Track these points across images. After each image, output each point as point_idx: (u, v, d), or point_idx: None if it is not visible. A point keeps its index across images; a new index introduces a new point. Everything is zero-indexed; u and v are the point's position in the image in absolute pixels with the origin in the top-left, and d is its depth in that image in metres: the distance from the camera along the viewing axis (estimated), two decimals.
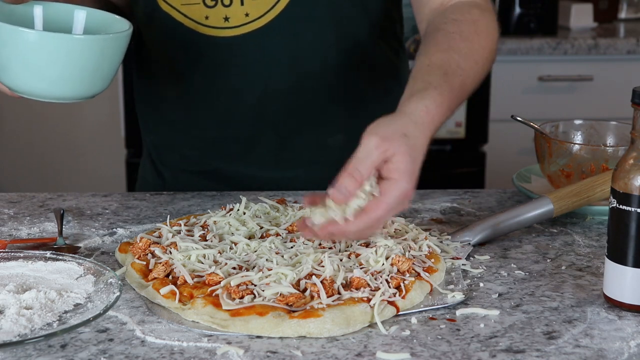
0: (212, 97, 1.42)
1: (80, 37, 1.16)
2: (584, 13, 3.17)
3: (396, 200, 1.02)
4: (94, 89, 1.16)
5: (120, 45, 1.16)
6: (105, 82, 1.18)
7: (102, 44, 1.14)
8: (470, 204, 1.38)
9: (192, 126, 1.46)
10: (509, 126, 2.31)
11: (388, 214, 1.02)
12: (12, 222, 1.29)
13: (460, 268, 1.11)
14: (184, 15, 1.37)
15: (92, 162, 3.35)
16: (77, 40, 1.13)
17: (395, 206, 1.02)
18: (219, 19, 1.36)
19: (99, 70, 1.15)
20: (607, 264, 1.00)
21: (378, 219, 1.02)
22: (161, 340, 0.92)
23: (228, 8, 1.35)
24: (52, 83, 1.13)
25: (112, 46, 1.15)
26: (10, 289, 1.00)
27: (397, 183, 1.02)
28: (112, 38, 1.15)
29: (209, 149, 1.46)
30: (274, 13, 1.35)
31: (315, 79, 1.40)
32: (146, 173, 1.58)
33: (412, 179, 1.03)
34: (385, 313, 0.97)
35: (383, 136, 1.03)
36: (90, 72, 1.14)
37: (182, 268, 1.03)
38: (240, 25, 1.36)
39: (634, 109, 0.98)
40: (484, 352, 0.90)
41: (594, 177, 1.25)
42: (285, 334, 0.93)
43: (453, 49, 1.20)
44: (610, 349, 0.91)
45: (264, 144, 1.43)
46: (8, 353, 0.89)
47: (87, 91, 1.16)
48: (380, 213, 1.02)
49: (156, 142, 1.54)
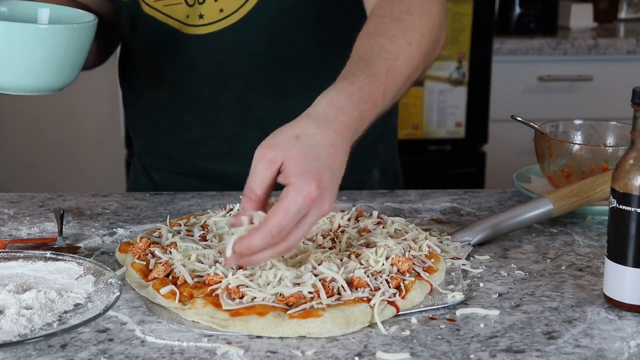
0: (194, 97, 1.42)
1: (45, 27, 1.16)
2: (584, 13, 3.17)
3: (297, 204, 0.93)
4: (60, 81, 1.17)
5: (86, 36, 1.17)
6: (73, 74, 1.18)
7: (67, 34, 1.14)
8: (470, 204, 1.38)
9: (177, 127, 1.46)
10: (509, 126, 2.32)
11: (290, 220, 0.93)
12: (12, 222, 1.29)
13: (460, 268, 1.11)
14: (167, 15, 1.37)
15: (92, 162, 3.35)
16: (42, 30, 1.14)
17: (297, 210, 0.93)
18: (195, 17, 1.36)
19: (64, 61, 1.15)
20: (607, 264, 1.00)
21: (278, 226, 0.93)
22: (161, 340, 0.92)
23: (202, 5, 1.34)
24: (17, 74, 1.13)
25: (77, 36, 1.16)
26: (10, 289, 1.00)
27: (294, 186, 0.94)
28: (76, 28, 1.16)
29: (195, 150, 1.46)
30: (248, 7, 1.34)
31: (295, 69, 1.39)
32: (137, 175, 1.59)
33: (312, 179, 0.94)
34: (385, 313, 0.97)
35: (268, 145, 0.97)
36: (56, 63, 1.14)
37: (182, 268, 1.03)
38: (215, 21, 1.35)
39: (634, 109, 0.98)
40: (484, 352, 0.90)
41: (594, 177, 1.25)
42: (285, 334, 0.93)
43: (379, 33, 1.11)
44: (610, 349, 0.91)
45: (249, 140, 1.43)
46: (8, 353, 0.89)
47: (54, 83, 1.16)
48: (278, 220, 0.92)
49: (144, 144, 1.54)
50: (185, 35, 1.37)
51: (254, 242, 0.94)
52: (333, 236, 1.13)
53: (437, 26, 1.17)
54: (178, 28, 1.37)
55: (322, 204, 0.95)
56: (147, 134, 1.52)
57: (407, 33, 1.12)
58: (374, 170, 1.52)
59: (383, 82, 1.06)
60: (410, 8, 1.14)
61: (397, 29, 1.11)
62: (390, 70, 1.07)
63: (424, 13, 1.15)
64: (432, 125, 2.91)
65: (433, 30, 1.16)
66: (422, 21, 1.14)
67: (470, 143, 2.95)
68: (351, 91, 1.03)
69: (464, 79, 2.87)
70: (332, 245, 1.11)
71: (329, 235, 1.13)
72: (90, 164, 3.35)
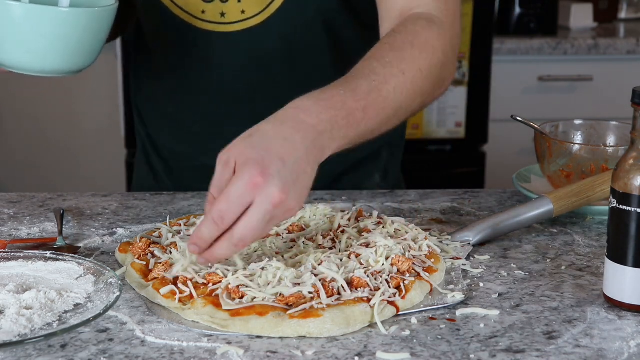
0: (203, 92, 1.43)
1: (66, 10, 1.16)
2: (584, 13, 3.17)
3: (238, 189, 0.94)
4: (79, 63, 1.18)
5: (106, 20, 1.18)
6: (91, 57, 1.19)
7: (87, 17, 1.15)
8: (470, 204, 1.38)
9: (186, 120, 1.47)
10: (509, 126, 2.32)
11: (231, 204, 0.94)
12: (12, 222, 1.29)
13: (460, 268, 1.11)
14: (181, 8, 1.37)
15: (92, 162, 3.35)
16: (63, 13, 1.14)
17: (239, 195, 0.94)
18: (216, 14, 1.36)
19: (84, 44, 1.16)
20: (607, 264, 1.00)
21: (218, 211, 0.95)
22: (161, 340, 0.92)
23: (225, 4, 1.35)
24: (37, 56, 1.14)
25: (97, 20, 1.16)
26: (10, 289, 1.00)
27: (237, 174, 0.95)
28: (97, 11, 1.16)
29: (200, 144, 1.47)
30: (269, 12, 1.35)
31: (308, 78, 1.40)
32: (140, 167, 1.59)
33: (256, 166, 0.95)
34: (385, 313, 0.97)
35: (225, 149, 0.99)
36: (76, 45, 1.15)
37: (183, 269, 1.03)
38: (236, 21, 1.36)
39: (634, 109, 0.98)
40: (484, 352, 0.90)
41: (594, 177, 1.25)
42: (285, 334, 0.93)
43: (375, 57, 1.12)
44: (610, 349, 0.91)
45: None
46: (8, 353, 0.89)
47: (73, 65, 1.17)
48: (218, 205, 0.95)
49: (150, 134, 1.54)
50: (202, 30, 1.38)
51: (202, 230, 0.96)
52: (333, 236, 1.13)
53: (437, 65, 1.17)
54: (190, 22, 1.37)
55: (269, 191, 0.94)
56: (153, 122, 1.53)
57: (402, 63, 1.12)
58: (375, 174, 1.52)
59: (364, 98, 1.06)
60: (414, 41, 1.15)
61: (394, 57, 1.12)
62: (374, 90, 1.07)
63: (426, 49, 1.15)
64: (432, 125, 2.91)
65: (432, 68, 1.16)
66: (422, 56, 1.14)
67: (470, 143, 2.95)
68: (320, 98, 1.04)
69: (464, 79, 2.87)
70: (332, 245, 1.11)
71: (329, 235, 1.13)
72: (90, 164, 3.35)
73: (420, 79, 1.14)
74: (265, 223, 0.96)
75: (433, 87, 1.18)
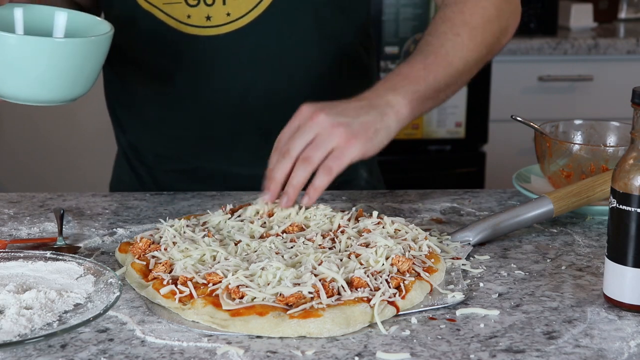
0: (193, 96, 1.42)
1: (61, 41, 1.15)
2: (584, 13, 3.17)
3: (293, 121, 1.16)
4: (76, 91, 1.16)
5: (102, 48, 1.17)
6: (87, 84, 1.18)
7: (83, 47, 1.14)
8: (470, 204, 1.38)
9: (172, 125, 1.46)
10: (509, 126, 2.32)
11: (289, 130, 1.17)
12: (12, 222, 1.29)
13: (460, 268, 1.11)
14: (166, 14, 1.37)
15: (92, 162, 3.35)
16: (58, 44, 1.13)
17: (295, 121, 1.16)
18: (201, 18, 1.36)
19: (80, 72, 1.15)
20: (607, 264, 1.00)
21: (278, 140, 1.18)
22: (161, 340, 0.92)
23: (210, 7, 1.35)
24: (33, 86, 1.13)
25: (93, 49, 1.15)
26: (10, 289, 0.99)
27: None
28: (93, 41, 1.15)
29: (188, 148, 1.47)
30: (255, 13, 1.35)
31: (296, 78, 1.41)
32: (122, 172, 1.58)
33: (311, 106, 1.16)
34: (385, 313, 0.97)
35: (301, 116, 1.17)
36: (72, 75, 1.14)
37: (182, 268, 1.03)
38: (222, 24, 1.36)
39: (634, 109, 0.98)
40: (484, 352, 0.90)
41: (594, 177, 1.25)
42: (285, 334, 0.93)
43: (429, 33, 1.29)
44: (610, 349, 0.91)
45: (245, 142, 1.44)
46: (8, 353, 0.89)
47: (69, 94, 1.16)
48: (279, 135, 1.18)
49: (131, 141, 1.54)
50: (187, 35, 1.37)
51: (271, 161, 1.17)
52: (333, 236, 1.13)
53: (492, 19, 1.31)
54: (176, 27, 1.37)
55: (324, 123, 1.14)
56: (135, 129, 1.52)
57: (454, 28, 1.28)
58: (361, 170, 1.53)
59: (421, 61, 1.24)
60: (463, 8, 1.30)
61: (446, 27, 1.28)
62: (430, 54, 1.25)
63: (476, 10, 1.30)
64: (432, 125, 2.91)
65: (487, 24, 1.31)
66: (473, 18, 1.29)
67: (470, 143, 2.95)
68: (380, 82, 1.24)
69: None
70: (332, 246, 1.11)
71: (328, 235, 1.13)
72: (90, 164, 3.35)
73: (477, 35, 1.29)
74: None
75: (495, 37, 1.32)
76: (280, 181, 1.16)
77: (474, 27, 1.29)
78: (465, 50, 1.27)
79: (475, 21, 1.29)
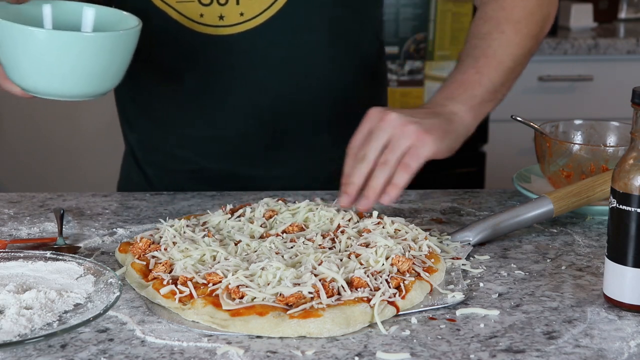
0: (203, 96, 1.42)
1: (90, 35, 1.16)
2: (584, 13, 3.17)
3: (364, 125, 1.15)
4: (105, 86, 1.17)
5: (130, 42, 1.17)
6: (116, 79, 1.18)
7: (112, 41, 1.14)
8: (470, 204, 1.38)
9: (181, 124, 1.46)
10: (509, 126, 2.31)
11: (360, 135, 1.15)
12: (12, 222, 1.29)
13: (460, 268, 1.11)
14: (179, 12, 1.37)
15: (92, 162, 3.35)
16: (87, 38, 1.14)
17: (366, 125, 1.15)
18: (214, 17, 1.36)
19: (109, 67, 1.15)
20: (607, 264, 1.00)
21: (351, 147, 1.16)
22: (161, 340, 0.92)
23: (223, 7, 1.35)
24: (63, 81, 1.13)
25: (121, 43, 1.15)
26: (10, 289, 1.00)
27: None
28: (121, 35, 1.15)
29: (196, 148, 1.46)
30: (269, 14, 1.35)
31: (309, 79, 1.41)
32: (130, 171, 1.58)
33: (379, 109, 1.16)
34: (385, 313, 0.97)
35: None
36: (101, 69, 1.14)
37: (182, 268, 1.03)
38: (235, 24, 1.36)
39: (634, 109, 0.98)
40: (484, 352, 0.90)
41: (594, 177, 1.25)
42: (285, 334, 0.93)
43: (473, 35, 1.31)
44: (610, 349, 0.91)
45: (253, 143, 1.43)
46: (8, 353, 0.89)
47: (98, 88, 1.16)
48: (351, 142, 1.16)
49: (140, 139, 1.54)
50: (200, 34, 1.37)
51: (346, 166, 1.15)
52: (333, 236, 1.13)
53: (533, 11, 1.32)
54: (189, 26, 1.37)
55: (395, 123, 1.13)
56: (144, 128, 1.52)
57: (498, 26, 1.29)
58: None
59: (472, 66, 1.26)
60: (503, 4, 1.31)
61: (489, 27, 1.30)
62: (480, 57, 1.27)
63: (517, 5, 1.31)
64: None
65: (529, 16, 1.31)
66: (514, 12, 1.30)
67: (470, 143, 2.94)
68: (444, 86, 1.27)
69: None
70: (332, 246, 1.11)
71: (328, 235, 1.13)
72: (90, 164, 3.35)
73: (522, 28, 1.30)
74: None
75: (539, 27, 1.33)
76: (359, 185, 1.14)
77: (518, 22, 1.30)
78: (513, 46, 1.28)
79: (517, 15, 1.30)
